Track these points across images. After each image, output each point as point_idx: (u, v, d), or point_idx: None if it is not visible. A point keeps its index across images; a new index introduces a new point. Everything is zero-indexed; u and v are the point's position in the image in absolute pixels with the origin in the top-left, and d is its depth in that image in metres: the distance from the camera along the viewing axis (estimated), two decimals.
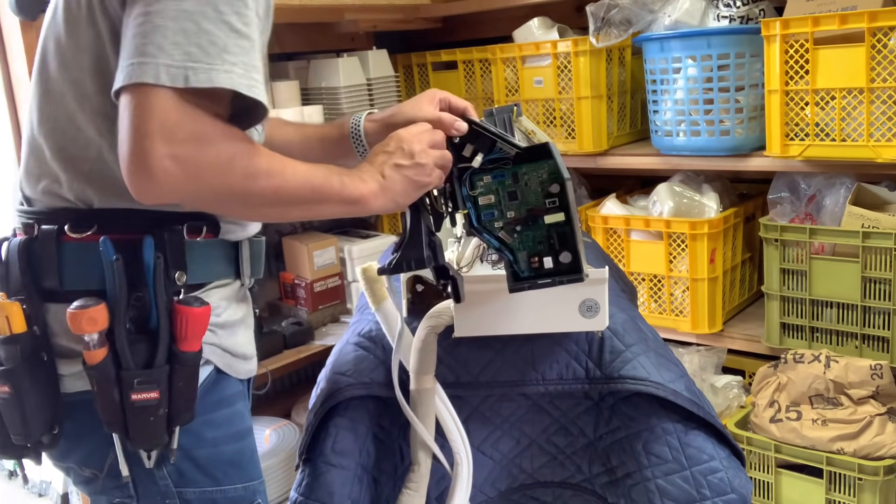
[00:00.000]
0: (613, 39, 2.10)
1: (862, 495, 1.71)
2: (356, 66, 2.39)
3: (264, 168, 0.91)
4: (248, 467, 1.08)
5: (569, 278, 1.04)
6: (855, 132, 1.77)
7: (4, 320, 0.95)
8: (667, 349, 1.26)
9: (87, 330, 0.91)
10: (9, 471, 2.76)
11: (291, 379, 2.76)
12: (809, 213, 1.98)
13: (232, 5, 0.87)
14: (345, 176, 0.98)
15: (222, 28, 0.86)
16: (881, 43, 1.69)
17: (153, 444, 0.97)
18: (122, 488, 1.02)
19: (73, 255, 0.96)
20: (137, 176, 0.84)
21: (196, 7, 0.85)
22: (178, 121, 0.84)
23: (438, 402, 1.19)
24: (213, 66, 0.85)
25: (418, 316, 1.21)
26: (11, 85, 2.20)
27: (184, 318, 0.94)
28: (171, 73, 0.84)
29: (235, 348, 1.06)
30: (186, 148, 0.84)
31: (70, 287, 0.97)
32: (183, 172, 0.84)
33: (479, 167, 1.08)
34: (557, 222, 1.06)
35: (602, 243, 2.18)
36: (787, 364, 1.86)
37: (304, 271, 2.39)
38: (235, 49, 0.87)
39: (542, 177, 1.07)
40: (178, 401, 0.96)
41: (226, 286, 1.06)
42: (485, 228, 1.08)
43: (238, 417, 1.07)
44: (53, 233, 0.96)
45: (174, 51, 0.84)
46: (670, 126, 2.08)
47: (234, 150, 0.89)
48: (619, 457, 1.23)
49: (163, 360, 0.95)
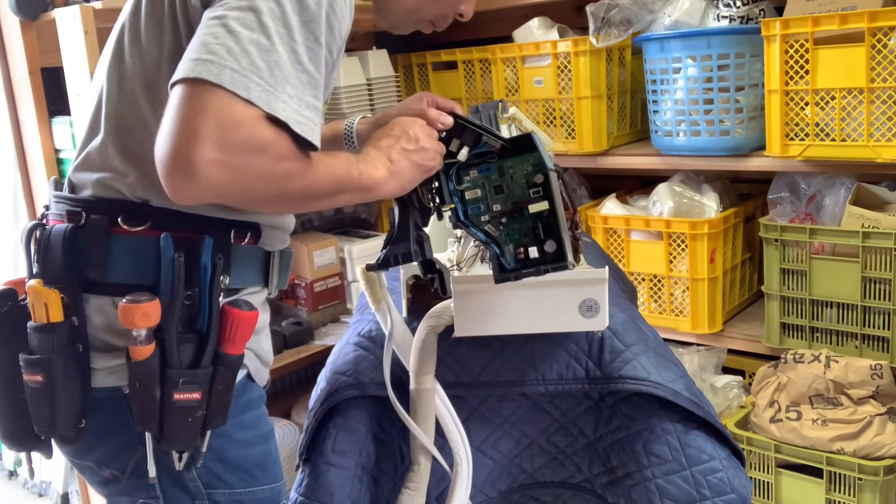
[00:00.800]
0: (613, 39, 2.10)
1: (862, 495, 1.71)
2: (356, 65, 2.39)
3: (299, 169, 0.89)
4: (273, 469, 1.08)
5: (553, 266, 1.03)
6: (855, 132, 1.77)
7: (43, 307, 0.93)
8: (667, 349, 1.26)
9: (139, 325, 0.90)
10: (9, 471, 2.76)
11: (291, 379, 2.76)
12: (809, 213, 1.98)
13: (305, 38, 0.86)
14: (361, 164, 0.97)
15: (291, 57, 0.85)
16: (881, 43, 1.69)
17: (186, 445, 0.96)
18: (148, 489, 1.01)
19: (123, 248, 0.95)
20: (177, 176, 0.81)
21: (273, 25, 0.84)
22: (234, 127, 0.80)
23: (438, 402, 1.19)
24: (275, 91, 0.83)
25: (418, 316, 1.21)
26: (11, 85, 2.20)
27: (233, 321, 0.94)
28: (235, 79, 0.81)
29: (264, 354, 1.07)
30: (237, 157, 0.81)
31: (115, 280, 0.95)
32: (229, 179, 0.81)
33: (466, 162, 1.08)
34: (541, 211, 1.05)
35: (602, 243, 2.18)
36: (787, 364, 1.86)
37: (304, 271, 2.39)
38: (296, 82, 0.86)
39: (527, 169, 1.07)
40: (216, 403, 0.96)
41: (256, 293, 1.06)
42: (471, 222, 1.08)
43: (264, 420, 1.08)
44: (104, 223, 0.94)
45: (242, 58, 0.82)
46: (670, 126, 2.08)
47: (276, 157, 0.87)
48: (619, 457, 1.23)
49: (208, 362, 0.94)
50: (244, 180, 0.83)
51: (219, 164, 0.80)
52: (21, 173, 2.27)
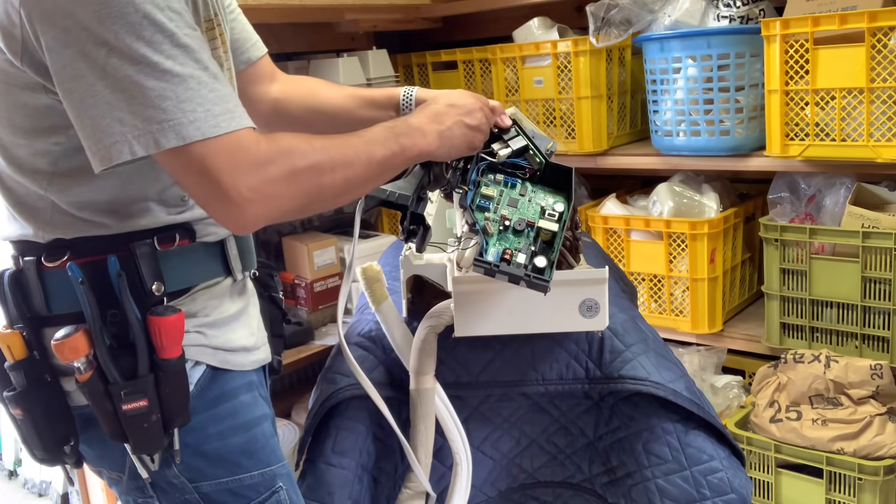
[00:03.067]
0: (613, 39, 2.10)
1: (862, 495, 1.71)
2: (356, 66, 2.39)
3: (328, 163, 0.93)
4: (262, 454, 1.08)
5: (534, 278, 1.04)
6: (855, 132, 1.77)
7: (7, 349, 0.99)
8: (667, 349, 1.26)
9: (70, 358, 0.94)
10: (9, 471, 2.76)
11: (291, 379, 2.76)
12: (809, 213, 1.98)
13: (163, 53, 0.84)
14: (403, 136, 1.02)
15: (165, 78, 0.84)
16: (881, 43, 1.69)
17: (153, 448, 0.99)
18: (143, 489, 1.05)
19: (53, 282, 0.99)
20: (230, 223, 0.90)
21: (132, 69, 0.83)
22: (212, 172, 0.86)
23: (438, 401, 1.19)
24: (177, 121, 0.84)
25: (418, 316, 1.21)
26: None
27: (157, 328, 0.96)
28: (143, 142, 0.84)
29: (232, 344, 1.07)
30: (258, 185, 0.87)
31: (57, 312, 0.99)
32: (264, 204, 0.89)
33: (498, 164, 1.13)
34: (548, 229, 1.08)
35: (602, 243, 2.18)
36: (787, 364, 1.86)
37: (304, 271, 2.39)
38: (187, 94, 0.85)
39: (548, 202, 1.12)
40: (170, 405, 0.98)
41: (215, 285, 1.06)
42: (475, 211, 1.10)
43: (244, 408, 1.08)
44: (34, 263, 0.99)
45: (135, 119, 0.84)
46: (670, 126, 2.08)
47: (288, 157, 0.90)
48: (619, 457, 1.23)
49: (145, 370, 0.96)
50: (277, 196, 0.90)
51: (243, 195, 0.87)
52: None
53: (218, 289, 1.06)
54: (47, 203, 0.97)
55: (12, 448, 2.77)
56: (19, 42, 0.88)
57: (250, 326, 1.11)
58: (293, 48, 2.45)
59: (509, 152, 1.14)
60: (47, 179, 0.96)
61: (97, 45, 0.83)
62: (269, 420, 1.12)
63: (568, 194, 1.15)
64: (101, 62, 0.83)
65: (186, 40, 0.87)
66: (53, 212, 0.98)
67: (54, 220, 0.98)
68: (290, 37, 2.38)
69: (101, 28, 0.83)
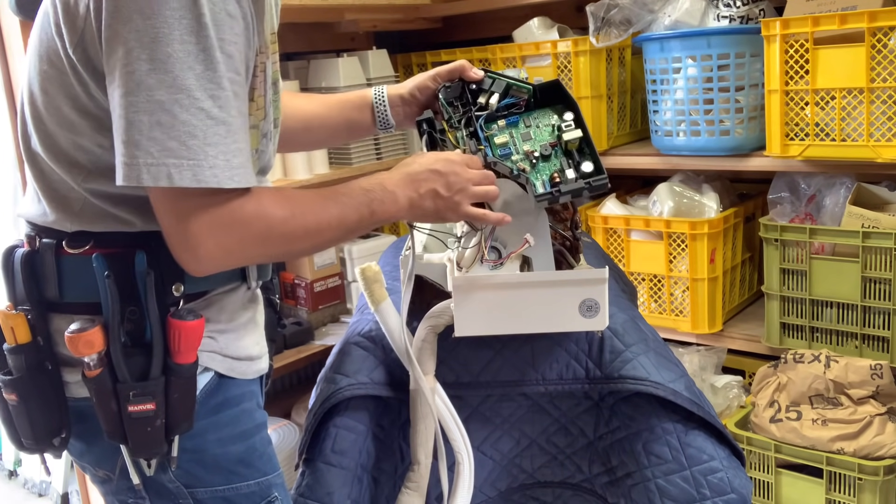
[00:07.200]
0: (613, 39, 2.11)
1: (862, 495, 1.71)
2: (356, 66, 2.39)
3: (300, 230, 0.95)
4: (259, 463, 1.08)
5: (595, 181, 1.08)
6: (855, 132, 1.77)
7: (10, 331, 0.97)
8: (667, 349, 1.26)
9: (84, 353, 0.93)
10: (9, 471, 2.76)
11: (291, 379, 2.76)
12: (809, 213, 1.98)
13: (206, 90, 0.85)
14: (376, 202, 1.02)
15: (199, 116, 0.85)
16: (881, 43, 1.69)
17: (152, 453, 0.98)
18: (134, 490, 1.03)
19: (71, 269, 0.97)
20: (190, 266, 0.91)
21: (169, 96, 0.84)
22: (189, 217, 0.87)
23: (439, 401, 1.19)
24: (198, 162, 0.85)
25: (418, 316, 1.21)
26: (11, 85, 2.20)
27: (177, 332, 0.95)
28: (153, 173, 0.84)
29: (239, 352, 1.06)
30: (217, 238, 0.89)
31: (70, 299, 0.97)
32: (226, 257, 0.91)
33: (494, 113, 1.17)
34: (574, 138, 1.12)
35: (602, 243, 2.18)
36: (787, 364, 1.86)
37: (304, 271, 2.39)
38: (215, 139, 0.86)
39: (552, 119, 1.15)
40: (176, 411, 0.97)
41: (231, 292, 1.06)
42: (502, 161, 1.12)
43: (245, 416, 1.08)
44: (53, 246, 0.97)
45: (151, 146, 0.84)
46: (670, 126, 2.08)
47: (265, 222, 0.92)
48: (619, 457, 1.23)
49: (158, 373, 0.95)
50: (242, 255, 0.94)
51: (209, 251, 0.89)
52: (21, 174, 2.27)
53: (232, 295, 1.06)
54: (80, 196, 0.96)
55: (12, 448, 2.77)
56: (79, 33, 0.88)
57: (256, 335, 1.11)
58: (293, 48, 2.45)
59: (498, 97, 1.18)
60: (83, 176, 0.95)
61: (141, 59, 0.83)
62: (266, 428, 1.12)
63: (567, 102, 1.17)
64: (141, 76, 0.84)
65: (233, 86, 0.88)
66: (85, 205, 0.97)
67: (84, 213, 0.97)
68: (290, 37, 2.38)
69: (155, 45, 0.83)
